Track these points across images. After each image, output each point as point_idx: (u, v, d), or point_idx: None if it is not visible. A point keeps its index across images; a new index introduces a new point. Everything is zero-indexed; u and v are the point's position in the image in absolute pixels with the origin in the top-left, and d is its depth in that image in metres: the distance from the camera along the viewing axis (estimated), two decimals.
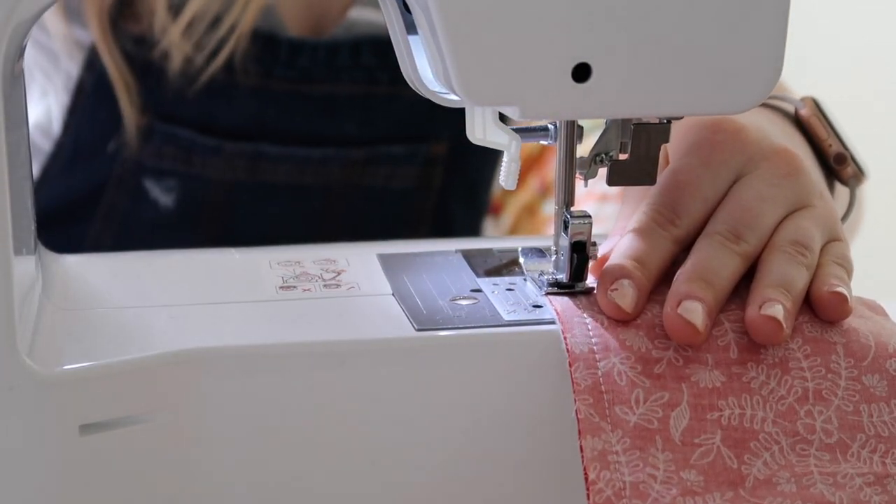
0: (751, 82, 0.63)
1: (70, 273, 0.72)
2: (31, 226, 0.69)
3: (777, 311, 0.65)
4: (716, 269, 0.66)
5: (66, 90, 1.10)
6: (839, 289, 0.67)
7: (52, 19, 1.09)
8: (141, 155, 1.07)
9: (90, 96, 1.09)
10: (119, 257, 0.77)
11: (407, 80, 0.68)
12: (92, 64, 1.08)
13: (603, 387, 0.63)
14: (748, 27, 0.62)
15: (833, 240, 0.71)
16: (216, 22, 1.03)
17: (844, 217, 0.81)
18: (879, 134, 2.26)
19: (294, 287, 0.70)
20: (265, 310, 0.68)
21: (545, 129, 0.69)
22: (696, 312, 0.64)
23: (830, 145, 0.82)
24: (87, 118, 1.10)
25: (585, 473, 0.61)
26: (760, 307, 0.65)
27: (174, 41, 1.03)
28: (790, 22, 0.64)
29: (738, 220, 0.68)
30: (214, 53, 1.04)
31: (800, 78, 1.00)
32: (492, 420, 0.65)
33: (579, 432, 0.62)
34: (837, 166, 0.82)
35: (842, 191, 0.84)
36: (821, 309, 0.67)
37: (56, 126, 1.11)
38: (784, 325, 0.64)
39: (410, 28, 0.66)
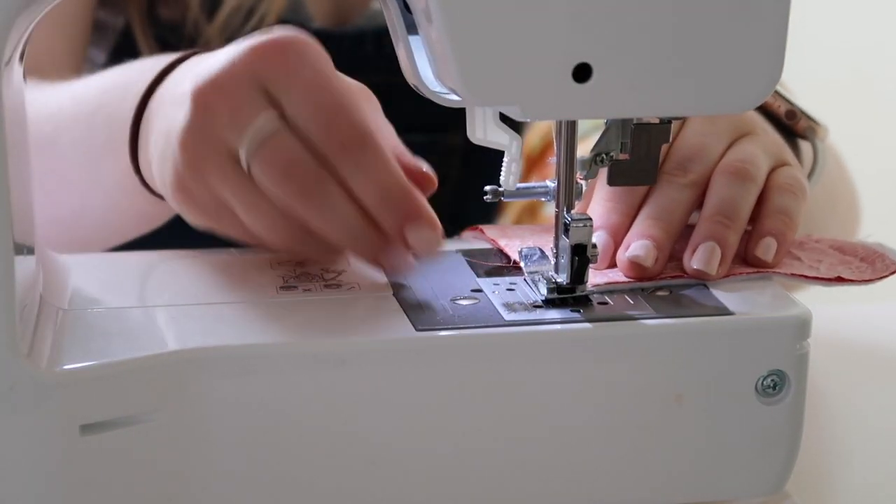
0: (751, 82, 0.63)
1: (70, 273, 0.72)
2: (32, 226, 0.69)
3: (706, 262, 0.70)
4: (664, 205, 0.71)
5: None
6: (768, 255, 0.72)
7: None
8: None
9: None
10: (119, 257, 0.77)
11: (408, 80, 0.68)
12: (120, 49, 1.08)
13: None
14: (748, 27, 0.62)
15: (781, 164, 0.75)
16: (249, 14, 1.04)
17: (812, 171, 0.86)
18: (880, 133, 2.26)
19: (294, 287, 0.70)
20: (265, 310, 0.68)
21: (545, 187, 0.70)
22: (644, 249, 0.70)
23: (779, 106, 0.86)
24: None
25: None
26: (694, 252, 0.70)
27: (212, 37, 1.03)
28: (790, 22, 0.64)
29: (682, 156, 0.73)
30: None
31: (800, 77, 1.00)
32: (490, 420, 0.65)
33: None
34: (790, 122, 0.87)
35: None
36: (753, 263, 0.72)
37: None
38: (714, 273, 0.70)
39: (411, 28, 0.66)
